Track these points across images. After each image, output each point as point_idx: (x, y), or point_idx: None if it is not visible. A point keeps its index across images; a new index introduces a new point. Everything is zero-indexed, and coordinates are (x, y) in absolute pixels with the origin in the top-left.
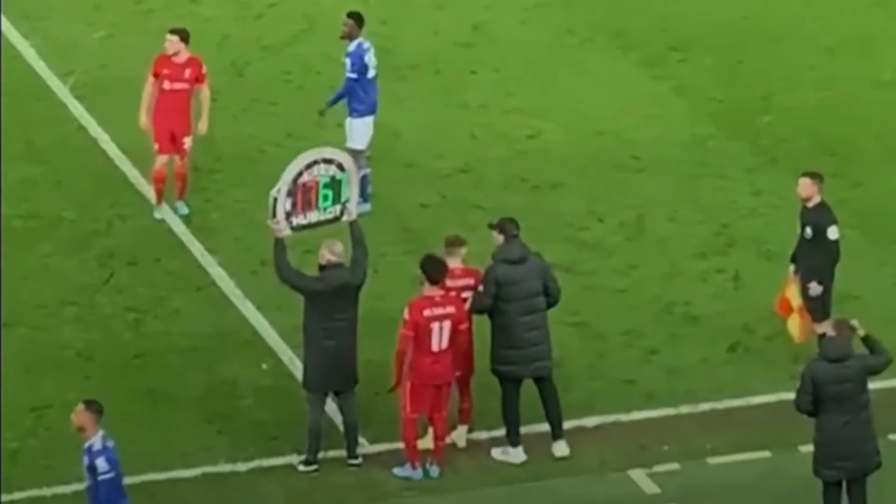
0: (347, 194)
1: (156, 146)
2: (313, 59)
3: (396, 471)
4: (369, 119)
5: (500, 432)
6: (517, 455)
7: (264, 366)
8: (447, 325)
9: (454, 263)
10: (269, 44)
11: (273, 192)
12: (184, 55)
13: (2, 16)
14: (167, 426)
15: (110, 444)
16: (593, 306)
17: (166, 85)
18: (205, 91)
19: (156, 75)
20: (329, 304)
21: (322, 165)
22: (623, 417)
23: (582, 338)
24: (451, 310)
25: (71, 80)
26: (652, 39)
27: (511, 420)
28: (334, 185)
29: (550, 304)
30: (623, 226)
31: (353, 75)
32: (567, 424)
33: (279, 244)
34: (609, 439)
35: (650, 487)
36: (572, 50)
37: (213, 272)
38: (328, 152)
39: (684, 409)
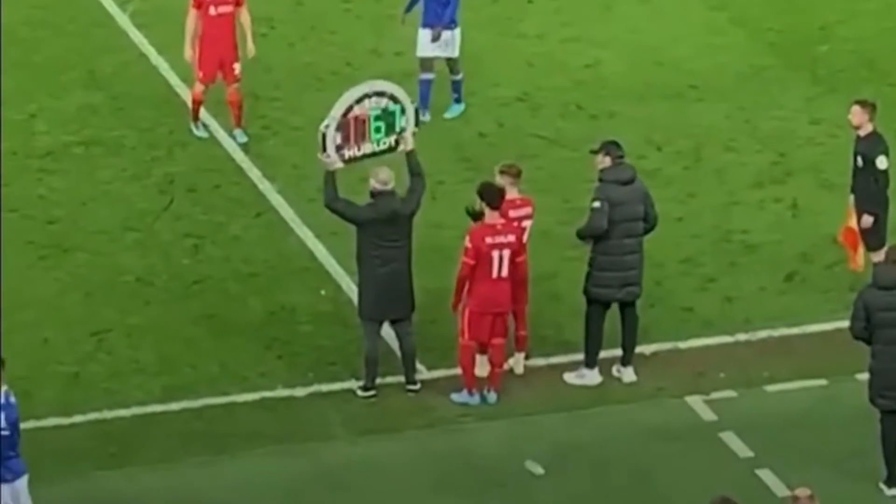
0: (402, 124)
1: (199, 74)
2: None
3: (454, 396)
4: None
5: (558, 359)
6: (593, 377)
7: (323, 292)
8: (507, 253)
9: (512, 193)
10: None
11: (322, 127)
12: None
13: None
14: (226, 351)
15: (13, 400)
16: (652, 234)
17: (212, 10)
18: (245, 13)
19: (198, 5)
20: (380, 231)
21: (373, 99)
22: (681, 345)
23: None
24: (511, 238)
25: (130, 7)
26: None
27: (593, 342)
28: (386, 116)
29: (647, 231)
30: (681, 155)
31: None
32: (618, 352)
33: (329, 176)
34: (667, 366)
35: (707, 414)
36: None
37: (272, 199)
38: (379, 85)
39: (741, 336)
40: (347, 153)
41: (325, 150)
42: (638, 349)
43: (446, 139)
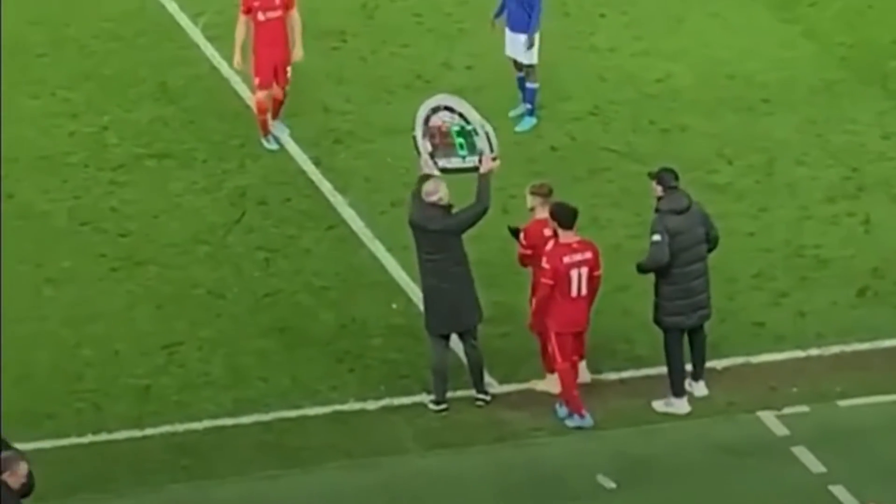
0: (480, 146)
1: (256, 80)
2: (443, 0)
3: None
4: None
5: (629, 374)
6: (682, 406)
7: (394, 305)
8: (584, 271)
9: (545, 212)
10: None
11: (412, 132)
12: None
13: None
14: (297, 364)
15: None
16: (723, 249)
17: (261, 16)
18: (295, 16)
19: (247, 11)
20: (419, 241)
21: (445, 113)
22: (753, 359)
23: (712, 280)
24: (588, 255)
25: (202, 20)
26: None
27: (676, 371)
28: (465, 134)
29: (709, 250)
30: (752, 169)
31: None
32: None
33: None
34: (739, 381)
35: (780, 429)
36: None
37: (344, 212)
38: (450, 100)
39: (813, 351)
40: (441, 162)
41: (419, 153)
42: (709, 364)
43: (518, 153)
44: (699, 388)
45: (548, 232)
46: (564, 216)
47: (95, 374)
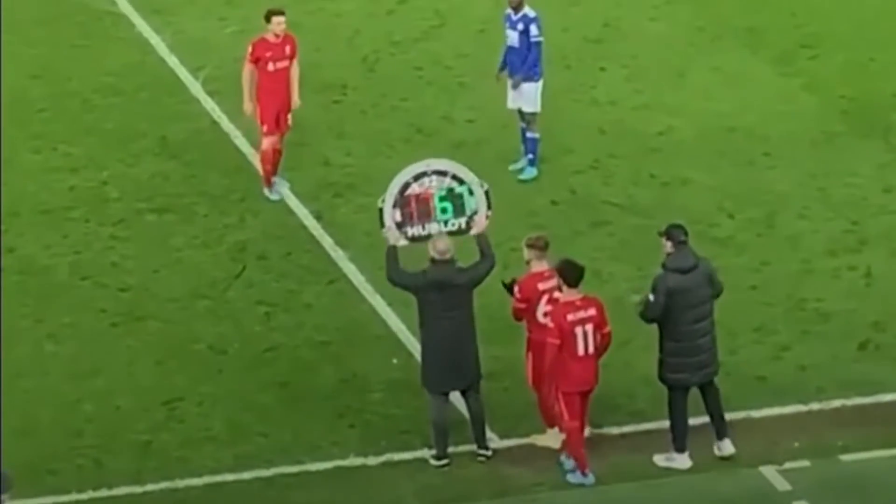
0: (473, 206)
1: (264, 128)
2: (443, 54)
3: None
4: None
5: (630, 428)
6: (683, 461)
7: (395, 360)
8: (590, 328)
9: (541, 266)
10: (399, 39)
11: (378, 202)
12: (282, 34)
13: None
14: (298, 420)
15: None
16: (724, 302)
17: (270, 66)
18: (296, 66)
19: (256, 60)
20: (433, 300)
21: (433, 178)
22: (754, 413)
23: None
24: (592, 312)
25: (202, 74)
26: (782, 36)
27: (679, 427)
28: (453, 197)
29: (714, 297)
30: (753, 222)
31: (541, 38)
32: (698, 420)
33: (391, 251)
34: (740, 435)
35: (781, 484)
36: (702, 47)
37: (344, 266)
38: (440, 164)
39: (815, 405)
40: (410, 231)
41: (382, 225)
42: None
43: (518, 206)
44: (726, 447)
45: (542, 286)
46: (570, 274)
47: (96, 430)
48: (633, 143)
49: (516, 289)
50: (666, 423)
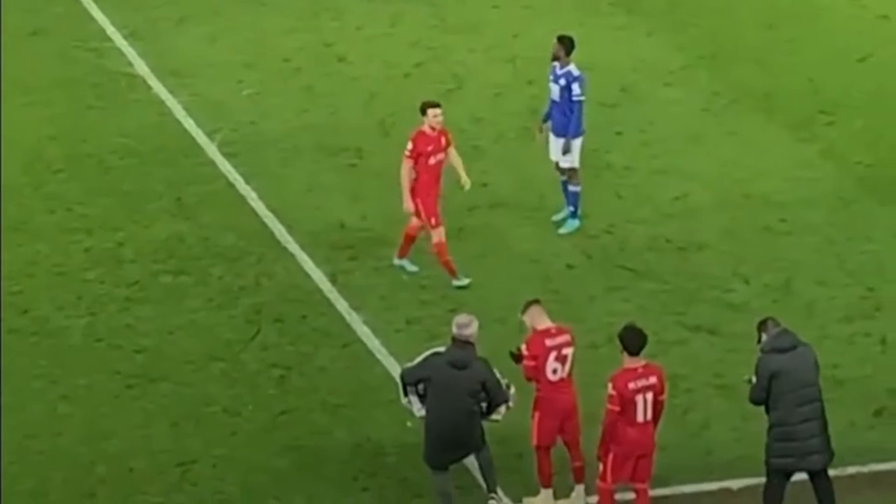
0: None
1: (432, 220)
2: (460, 118)
3: None
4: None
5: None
6: None
7: (409, 424)
8: (650, 396)
9: (545, 323)
10: (415, 103)
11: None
12: (438, 126)
13: None
14: (312, 483)
15: None
16: (739, 369)
17: (431, 160)
18: (453, 152)
19: (416, 157)
20: (440, 389)
21: None
22: None
23: (727, 400)
24: (653, 380)
25: (218, 136)
26: (799, 101)
27: None
28: None
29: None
30: (769, 288)
31: (583, 97)
32: (713, 486)
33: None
34: (756, 501)
35: None
36: (718, 112)
37: (359, 329)
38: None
39: (831, 472)
40: None
41: (406, 395)
42: (725, 483)
43: (534, 271)
44: None
45: (550, 342)
46: (632, 342)
47: (109, 492)
48: (648, 208)
49: (524, 347)
50: (678, 489)
